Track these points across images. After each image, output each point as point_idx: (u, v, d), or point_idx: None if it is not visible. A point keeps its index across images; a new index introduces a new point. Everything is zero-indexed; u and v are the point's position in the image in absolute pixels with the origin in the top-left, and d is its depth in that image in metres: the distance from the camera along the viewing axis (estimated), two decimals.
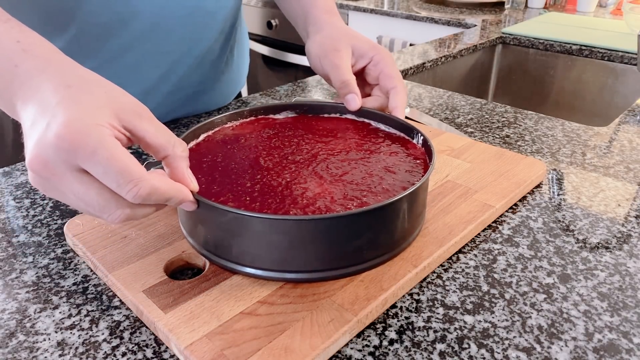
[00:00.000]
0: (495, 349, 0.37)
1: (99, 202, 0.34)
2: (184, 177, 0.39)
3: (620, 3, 1.73)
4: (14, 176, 0.61)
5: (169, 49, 0.68)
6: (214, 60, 0.76)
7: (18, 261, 0.46)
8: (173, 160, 0.38)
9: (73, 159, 0.32)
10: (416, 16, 1.87)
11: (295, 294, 0.40)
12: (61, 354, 0.37)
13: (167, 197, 0.36)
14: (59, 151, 0.32)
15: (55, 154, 0.32)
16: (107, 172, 0.33)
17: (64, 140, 0.32)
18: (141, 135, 0.36)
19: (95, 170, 0.33)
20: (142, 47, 0.65)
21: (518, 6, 1.94)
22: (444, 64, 1.22)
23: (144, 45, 0.65)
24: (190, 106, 0.79)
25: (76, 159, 0.32)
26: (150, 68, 0.69)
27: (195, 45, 0.70)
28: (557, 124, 0.77)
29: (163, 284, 0.41)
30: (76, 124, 0.32)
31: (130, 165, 0.33)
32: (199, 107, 0.81)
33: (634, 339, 0.38)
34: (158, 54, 0.67)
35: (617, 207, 0.55)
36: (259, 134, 0.55)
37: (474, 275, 0.44)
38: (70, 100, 0.34)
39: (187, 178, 0.39)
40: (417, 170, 0.49)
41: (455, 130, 0.74)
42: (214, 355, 0.34)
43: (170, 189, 0.36)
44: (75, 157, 0.32)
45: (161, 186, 0.35)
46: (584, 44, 1.32)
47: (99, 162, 0.32)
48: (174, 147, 0.38)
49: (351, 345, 0.37)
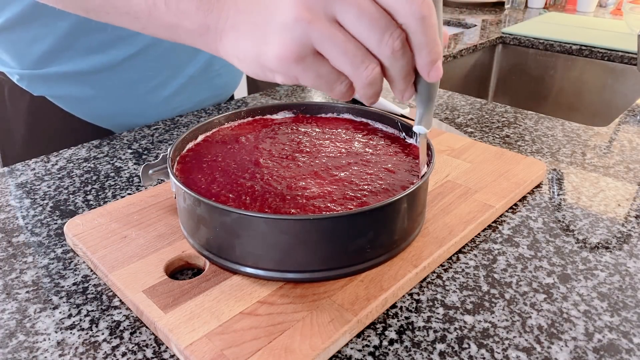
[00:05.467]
0: (495, 349, 0.37)
1: (359, 53, 0.33)
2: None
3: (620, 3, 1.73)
4: (14, 176, 0.61)
5: None
6: None
7: (18, 261, 0.46)
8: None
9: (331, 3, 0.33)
10: None
11: (295, 294, 0.40)
12: (61, 354, 0.37)
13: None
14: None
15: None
16: (366, 17, 0.32)
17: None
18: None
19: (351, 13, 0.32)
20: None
21: (518, 6, 1.94)
22: (444, 64, 1.22)
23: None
24: (209, 89, 0.83)
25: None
26: (181, 51, 0.74)
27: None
28: (557, 124, 0.77)
29: (163, 284, 0.41)
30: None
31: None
32: (217, 91, 0.85)
33: (634, 339, 0.38)
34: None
35: (617, 207, 0.55)
36: (258, 134, 0.55)
37: (474, 275, 0.44)
38: None
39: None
40: (416, 170, 0.49)
41: (455, 130, 0.74)
42: (214, 355, 0.34)
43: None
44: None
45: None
46: (584, 44, 1.32)
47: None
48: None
49: (351, 345, 0.37)
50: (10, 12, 0.65)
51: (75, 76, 0.71)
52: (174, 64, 0.76)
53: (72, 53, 0.69)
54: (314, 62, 0.34)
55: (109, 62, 0.70)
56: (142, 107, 0.76)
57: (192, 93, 0.80)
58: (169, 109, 0.79)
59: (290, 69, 0.34)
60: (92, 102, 0.74)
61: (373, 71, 0.34)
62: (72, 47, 0.68)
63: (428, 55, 0.34)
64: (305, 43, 0.33)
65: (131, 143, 0.70)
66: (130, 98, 0.75)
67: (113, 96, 0.74)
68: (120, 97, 0.74)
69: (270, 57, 0.34)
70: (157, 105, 0.77)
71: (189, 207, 0.42)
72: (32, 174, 0.62)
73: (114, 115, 0.76)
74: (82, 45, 0.68)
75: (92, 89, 0.72)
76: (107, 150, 0.67)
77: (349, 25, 0.33)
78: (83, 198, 0.56)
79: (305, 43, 0.33)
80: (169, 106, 0.78)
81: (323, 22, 0.33)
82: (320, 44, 0.33)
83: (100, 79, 0.72)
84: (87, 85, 0.72)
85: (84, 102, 0.74)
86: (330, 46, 0.33)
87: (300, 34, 0.33)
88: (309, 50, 0.33)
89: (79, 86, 0.72)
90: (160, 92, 0.76)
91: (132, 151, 0.67)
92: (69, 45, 0.68)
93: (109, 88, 0.73)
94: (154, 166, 0.49)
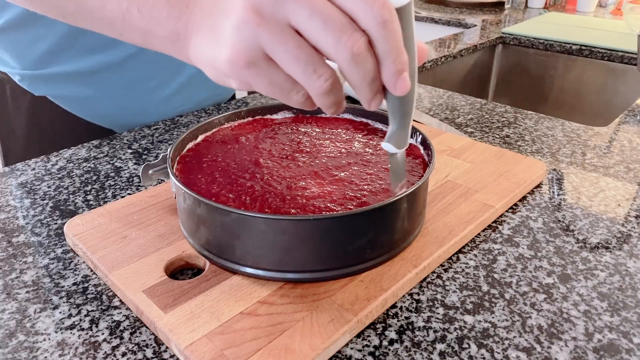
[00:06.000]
0: (495, 349, 0.37)
1: (312, 60, 0.31)
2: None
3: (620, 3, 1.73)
4: (14, 176, 0.61)
5: None
6: None
7: (18, 261, 0.46)
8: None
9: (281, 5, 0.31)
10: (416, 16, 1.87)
11: (295, 294, 0.40)
12: (61, 354, 0.37)
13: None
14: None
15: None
16: (323, 21, 0.30)
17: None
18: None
19: (303, 14, 0.31)
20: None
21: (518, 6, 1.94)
22: (444, 64, 1.22)
23: None
24: (209, 89, 0.82)
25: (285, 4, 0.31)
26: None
27: None
28: (557, 124, 0.77)
29: (163, 284, 0.41)
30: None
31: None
32: (217, 91, 0.84)
33: (634, 339, 0.38)
34: None
35: (617, 207, 0.55)
36: (258, 134, 0.55)
37: (474, 275, 0.44)
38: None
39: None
40: (417, 170, 0.49)
41: (455, 130, 0.74)
42: (214, 355, 0.34)
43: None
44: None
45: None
46: (584, 44, 1.32)
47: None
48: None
49: (351, 345, 0.37)
50: (11, 13, 0.65)
51: (75, 76, 0.71)
52: (174, 63, 0.76)
53: (73, 53, 0.69)
54: (266, 68, 0.32)
55: (109, 62, 0.70)
56: (143, 106, 0.76)
57: (192, 93, 0.80)
58: (169, 108, 0.79)
59: (241, 74, 0.33)
60: (93, 101, 0.74)
61: (327, 82, 0.32)
62: (72, 47, 0.68)
63: (392, 65, 0.32)
64: (254, 47, 0.31)
65: (131, 143, 0.70)
66: (131, 98, 0.75)
67: (113, 96, 0.74)
68: (121, 97, 0.74)
69: (221, 61, 0.33)
70: (158, 104, 0.77)
71: (189, 207, 0.42)
72: (32, 174, 0.62)
73: (115, 115, 0.76)
74: (82, 45, 0.68)
75: (93, 88, 0.72)
76: (107, 150, 0.67)
77: (303, 28, 0.31)
78: (83, 198, 0.56)
79: (254, 47, 0.31)
80: (169, 106, 0.78)
81: (273, 25, 0.31)
82: (270, 48, 0.31)
83: (100, 78, 0.72)
84: (88, 85, 0.72)
85: (84, 102, 0.74)
86: (281, 51, 0.31)
87: (249, 37, 0.31)
88: (259, 54, 0.32)
89: (80, 86, 0.72)
90: (161, 92, 0.76)
91: (132, 151, 0.67)
92: (69, 45, 0.68)
93: (109, 88, 0.73)
94: (154, 166, 0.49)
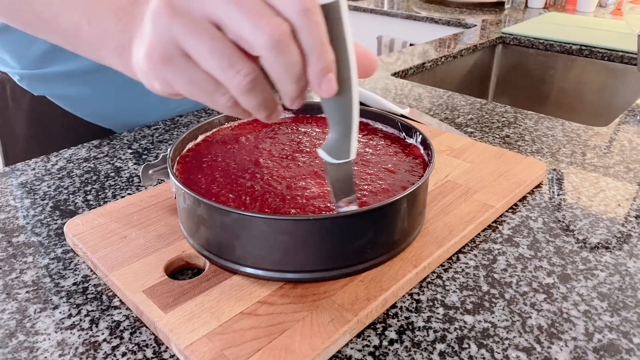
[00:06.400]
0: (495, 349, 0.37)
1: (229, 53, 0.30)
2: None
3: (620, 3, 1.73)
4: (14, 176, 0.61)
5: None
6: None
7: (18, 261, 0.46)
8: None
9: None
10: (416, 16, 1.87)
11: (295, 294, 0.40)
12: (61, 354, 0.37)
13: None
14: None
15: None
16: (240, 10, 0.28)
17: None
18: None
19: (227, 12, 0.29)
20: None
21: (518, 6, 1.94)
22: (444, 64, 1.22)
23: None
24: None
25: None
26: None
27: None
28: (557, 124, 0.77)
29: (163, 284, 0.41)
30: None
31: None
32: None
33: (634, 339, 0.38)
34: None
35: (617, 207, 0.55)
36: (258, 134, 0.55)
37: (474, 275, 0.44)
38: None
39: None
40: (416, 170, 0.49)
41: (455, 130, 0.74)
42: (214, 355, 0.34)
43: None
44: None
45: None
46: (584, 44, 1.32)
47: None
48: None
49: (351, 345, 0.37)
50: None
51: (73, 75, 0.71)
52: None
53: (71, 53, 0.69)
54: (184, 64, 0.30)
55: None
56: (142, 106, 0.76)
57: None
58: (169, 108, 0.79)
59: (158, 71, 0.31)
60: (92, 101, 0.74)
61: (246, 77, 0.30)
62: None
63: (317, 62, 0.30)
64: (169, 40, 0.30)
65: (131, 143, 0.70)
66: (129, 97, 0.75)
67: (112, 95, 0.74)
68: (120, 97, 0.74)
69: (140, 59, 0.32)
70: (157, 104, 0.77)
71: (189, 207, 0.42)
72: (32, 174, 0.62)
73: (114, 115, 0.76)
74: None
75: (91, 88, 0.72)
76: (107, 150, 0.67)
77: (219, 18, 0.29)
78: (83, 198, 0.56)
79: (169, 40, 0.30)
80: (168, 106, 0.78)
81: (186, 17, 0.29)
82: (184, 41, 0.30)
83: (98, 78, 0.72)
84: (86, 84, 0.72)
85: (83, 102, 0.74)
86: (194, 44, 0.29)
87: (162, 31, 0.30)
88: (174, 49, 0.30)
89: (78, 85, 0.72)
90: None
91: (132, 151, 0.67)
92: None
93: (107, 87, 0.73)
94: (154, 166, 0.49)
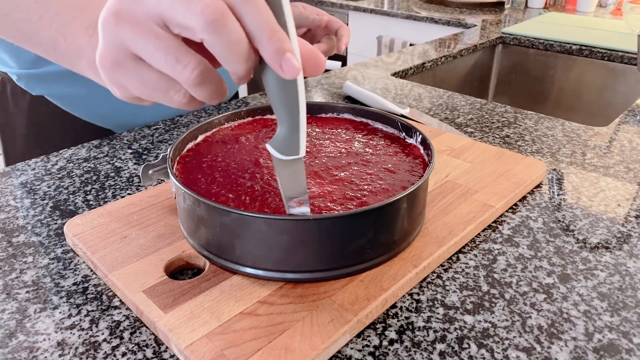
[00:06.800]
0: (495, 349, 0.37)
1: (174, 48, 0.30)
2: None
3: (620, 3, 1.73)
4: (14, 176, 0.61)
5: None
6: None
7: (18, 261, 0.46)
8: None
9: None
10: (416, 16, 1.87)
11: (295, 294, 0.40)
12: (61, 354, 0.37)
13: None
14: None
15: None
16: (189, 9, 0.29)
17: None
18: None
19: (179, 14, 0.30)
20: None
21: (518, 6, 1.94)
22: (444, 64, 1.22)
23: None
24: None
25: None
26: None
27: None
28: (557, 124, 0.77)
29: (163, 284, 0.41)
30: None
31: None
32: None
33: (634, 339, 0.38)
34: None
35: (617, 207, 0.55)
36: (258, 134, 0.55)
37: (474, 275, 0.44)
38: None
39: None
40: (416, 170, 0.49)
41: (455, 130, 0.74)
42: (214, 355, 0.34)
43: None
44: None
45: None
46: (584, 44, 1.32)
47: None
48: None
49: (351, 345, 0.37)
50: None
51: (70, 75, 0.71)
52: None
53: None
54: (135, 67, 0.32)
55: None
56: (140, 106, 0.76)
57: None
58: (167, 108, 0.78)
59: (111, 75, 0.33)
60: (89, 100, 0.74)
61: (194, 71, 0.30)
62: None
63: (269, 43, 0.30)
64: (117, 46, 0.31)
65: (131, 143, 0.70)
66: None
67: (109, 95, 0.74)
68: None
69: (97, 65, 0.33)
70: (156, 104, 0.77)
71: (189, 207, 0.42)
72: (32, 174, 0.62)
73: (112, 115, 0.76)
74: None
75: (88, 88, 0.72)
76: (107, 150, 0.67)
77: (159, 14, 0.30)
78: (83, 198, 0.56)
79: (117, 46, 0.31)
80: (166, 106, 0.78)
81: (132, 21, 0.30)
82: (131, 44, 0.31)
83: None
84: (83, 84, 0.72)
85: (80, 101, 0.74)
86: (141, 45, 0.30)
87: (110, 37, 0.31)
88: (124, 53, 0.31)
89: (75, 85, 0.72)
90: None
91: (132, 151, 0.67)
92: None
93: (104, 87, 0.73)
94: (154, 166, 0.49)
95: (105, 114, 0.76)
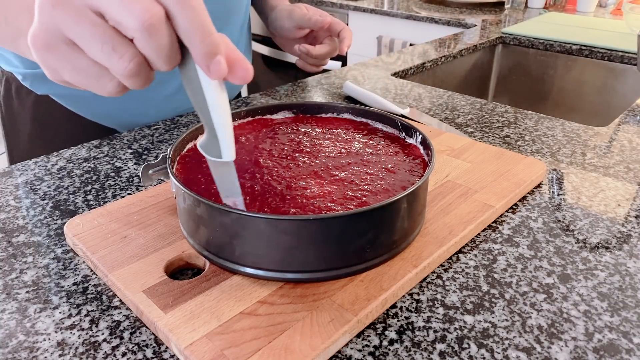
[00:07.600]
0: (495, 349, 0.37)
1: (111, 38, 0.31)
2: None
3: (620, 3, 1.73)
4: (14, 176, 0.61)
5: None
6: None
7: (18, 261, 0.46)
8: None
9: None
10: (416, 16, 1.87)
11: (295, 294, 0.40)
12: (61, 354, 0.37)
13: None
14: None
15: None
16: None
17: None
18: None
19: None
20: None
21: (518, 6, 1.94)
22: (444, 64, 1.22)
23: None
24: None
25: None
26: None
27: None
28: (557, 124, 0.77)
29: (163, 284, 0.41)
30: None
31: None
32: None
33: (634, 339, 0.38)
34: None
35: (617, 207, 0.55)
36: (258, 134, 0.55)
37: (474, 275, 0.44)
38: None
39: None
40: (416, 170, 0.49)
41: (455, 130, 0.74)
42: (214, 355, 0.34)
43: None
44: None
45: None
46: (584, 44, 1.32)
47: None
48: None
49: (351, 345, 0.37)
50: None
51: None
52: None
53: None
54: (68, 51, 0.32)
55: None
56: (143, 105, 0.76)
57: None
58: (170, 107, 0.79)
59: (43, 57, 0.32)
60: (93, 100, 0.74)
61: (131, 62, 0.31)
62: None
63: (200, 46, 0.31)
64: (52, 29, 0.31)
65: (131, 143, 0.70)
66: (131, 96, 0.75)
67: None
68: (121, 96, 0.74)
69: (29, 47, 0.32)
70: (158, 103, 0.77)
71: (189, 207, 0.42)
72: (32, 174, 0.62)
73: (116, 114, 0.76)
74: None
75: None
76: (107, 150, 0.67)
77: (98, 4, 0.30)
78: (83, 198, 0.56)
79: (52, 29, 0.31)
80: (170, 105, 0.78)
81: (69, 6, 0.30)
82: (67, 29, 0.31)
83: None
84: None
85: (84, 100, 0.74)
86: (77, 31, 0.30)
87: (45, 20, 0.31)
88: (58, 37, 0.31)
89: None
90: (161, 91, 0.76)
91: (132, 151, 0.67)
92: None
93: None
94: (154, 166, 0.49)
95: (110, 113, 0.76)
